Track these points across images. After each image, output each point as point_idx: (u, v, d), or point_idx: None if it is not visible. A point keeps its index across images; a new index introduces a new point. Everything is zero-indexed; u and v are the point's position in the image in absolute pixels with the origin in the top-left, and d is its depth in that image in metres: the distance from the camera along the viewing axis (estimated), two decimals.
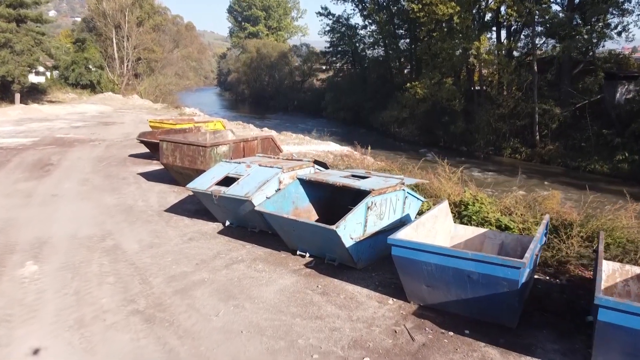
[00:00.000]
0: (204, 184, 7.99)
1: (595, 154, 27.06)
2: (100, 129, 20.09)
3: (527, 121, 30.31)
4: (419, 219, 6.04)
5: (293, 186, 7.30)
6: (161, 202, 9.66)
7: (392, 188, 6.94)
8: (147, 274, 6.31)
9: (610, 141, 26.68)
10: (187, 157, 10.04)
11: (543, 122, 29.65)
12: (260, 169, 8.04)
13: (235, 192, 7.53)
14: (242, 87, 72.04)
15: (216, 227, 8.29)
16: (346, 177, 7.46)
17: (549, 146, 29.52)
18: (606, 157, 26.56)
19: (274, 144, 11.69)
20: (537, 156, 29.55)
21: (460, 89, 33.87)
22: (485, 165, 28.32)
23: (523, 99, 30.44)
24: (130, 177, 11.83)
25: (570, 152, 28.35)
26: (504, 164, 29.22)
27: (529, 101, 30.02)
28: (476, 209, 8.77)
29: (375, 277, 6.43)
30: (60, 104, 30.81)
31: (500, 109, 31.29)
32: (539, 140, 30.02)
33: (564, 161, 28.18)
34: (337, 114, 46.86)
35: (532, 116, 29.77)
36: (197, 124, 15.65)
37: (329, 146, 17.27)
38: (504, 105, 31.40)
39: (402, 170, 11.77)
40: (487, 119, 31.21)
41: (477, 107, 32.76)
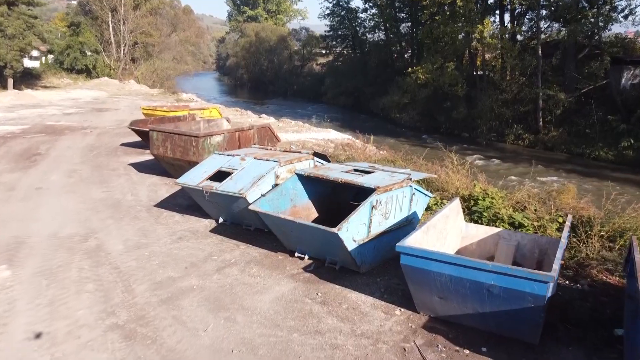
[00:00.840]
0: (194, 178, 7.37)
1: (599, 141, 26.43)
2: (93, 116, 19.39)
3: (530, 107, 29.57)
4: (430, 220, 5.44)
5: (291, 182, 6.69)
6: (151, 196, 9.05)
7: (399, 184, 6.33)
8: (131, 280, 5.73)
9: (615, 127, 26.03)
10: (179, 148, 9.41)
11: (547, 108, 28.94)
12: (256, 163, 7.42)
13: (228, 188, 6.93)
14: (240, 71, 70.96)
15: (209, 224, 7.70)
16: (348, 171, 6.85)
17: (552, 132, 28.87)
18: (611, 143, 25.94)
19: (271, 133, 11.05)
20: (540, 143, 28.90)
21: (463, 74, 33.05)
22: (488, 152, 27.67)
23: (527, 84, 29.66)
24: (121, 168, 11.21)
25: (575, 138, 27.71)
26: (506, 151, 28.59)
27: (532, 86, 29.26)
28: (487, 204, 8.19)
29: (380, 283, 5.86)
30: (55, 90, 30.01)
31: (504, 95, 30.54)
32: (543, 127, 29.34)
33: (567, 148, 27.55)
34: (337, 99, 46.03)
35: (536, 102, 29.04)
36: (192, 111, 14.96)
37: (329, 134, 16.61)
38: (507, 91, 30.64)
39: (406, 160, 11.16)
40: (490, 105, 30.48)
41: (479, 92, 32.01)
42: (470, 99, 32.34)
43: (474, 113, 31.63)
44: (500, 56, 32.29)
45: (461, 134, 32.35)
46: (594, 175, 22.89)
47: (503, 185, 12.14)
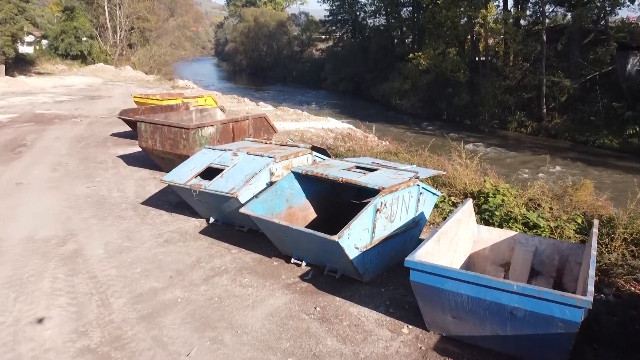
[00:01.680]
0: (182, 176, 6.75)
1: (604, 128, 25.77)
2: (85, 104, 18.68)
3: (534, 94, 28.83)
4: (441, 227, 4.83)
5: (286, 181, 6.07)
6: (139, 192, 8.43)
7: (405, 184, 5.71)
8: (109, 291, 5.13)
9: (620, 115, 25.35)
10: (168, 141, 8.77)
11: (551, 95, 28.20)
12: (249, 158, 6.79)
13: (218, 187, 6.31)
14: (239, 57, 69.84)
15: (199, 224, 7.10)
16: (349, 169, 6.22)
17: (556, 120, 28.20)
18: (616, 131, 25.29)
19: (267, 124, 10.40)
20: (543, 130, 28.24)
21: (465, 60, 32.22)
22: (490, 140, 27.02)
23: (531, 70, 28.88)
24: (109, 160, 10.57)
25: (579, 125, 27.05)
26: (509, 139, 27.94)
27: (536, 73, 28.48)
28: (498, 202, 7.58)
29: (385, 294, 5.28)
30: (49, 76, 29.20)
31: (507, 81, 29.78)
32: (546, 114, 28.65)
33: (571, 135, 26.91)
34: (336, 85, 45.16)
35: (540, 88, 28.30)
36: (186, 99, 14.28)
37: (329, 123, 15.93)
38: (510, 77, 29.88)
39: (410, 152, 10.53)
40: (493, 91, 29.73)
41: (482, 78, 31.23)
42: (473, 85, 31.58)
43: (476, 100, 30.91)
44: (503, 41, 31.45)
45: (463, 121, 31.65)
46: (599, 163, 22.30)
47: (507, 175, 11.54)
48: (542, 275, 5.59)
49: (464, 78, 31.08)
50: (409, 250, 6.43)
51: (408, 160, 9.65)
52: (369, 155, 9.79)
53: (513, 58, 30.90)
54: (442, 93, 32.69)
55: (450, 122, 31.99)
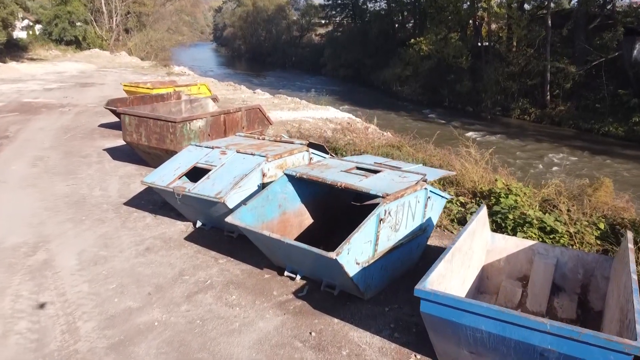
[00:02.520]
0: (164, 176, 6.08)
1: (609, 116, 25.10)
2: (75, 92, 17.91)
3: (537, 80, 28.01)
4: (455, 243, 4.19)
5: (279, 185, 5.40)
6: (122, 191, 7.77)
7: (412, 188, 5.06)
8: (77, 313, 4.51)
9: (626, 102, 24.65)
10: (154, 135, 8.08)
11: (555, 82, 27.41)
12: (239, 158, 6.12)
13: (203, 190, 5.65)
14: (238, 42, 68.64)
15: (184, 228, 6.45)
16: (349, 170, 5.55)
17: (559, 107, 27.47)
18: (621, 119, 24.61)
19: (262, 115, 9.70)
20: (547, 117, 27.54)
21: (467, 45, 31.32)
22: (493, 127, 26.33)
23: (535, 56, 28.04)
24: (94, 154, 9.89)
25: (583, 113, 26.34)
26: (512, 126, 27.24)
27: (540, 59, 27.65)
28: (510, 203, 6.93)
29: (389, 314, 4.66)
30: (41, 62, 28.31)
31: (510, 67, 28.96)
32: (550, 101, 27.89)
33: (575, 123, 26.21)
34: (336, 71, 44.23)
35: (544, 75, 27.50)
36: (179, 88, 13.54)
37: (328, 112, 15.20)
38: (513, 63, 29.06)
39: (413, 146, 9.85)
40: (496, 78, 28.92)
41: (484, 64, 30.37)
42: (475, 71, 30.74)
43: (478, 86, 30.11)
44: (507, 26, 30.55)
45: (465, 108, 30.91)
46: (604, 152, 21.66)
47: (512, 164, 10.87)
48: (565, 292, 4.97)
49: (467, 64, 30.26)
50: (416, 259, 5.84)
51: (412, 155, 8.99)
52: (370, 149, 9.12)
53: (516, 44, 30.03)
54: (443, 79, 31.86)
55: (452, 109, 31.25)
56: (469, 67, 30.50)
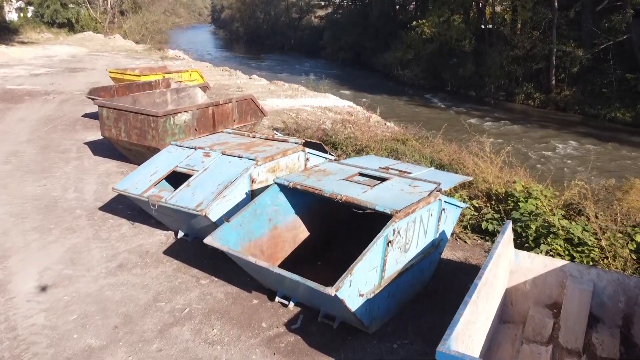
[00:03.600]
0: (139, 183, 5.27)
1: (616, 101, 24.18)
2: (63, 78, 16.95)
3: (543, 64, 26.99)
4: (482, 277, 3.40)
5: (268, 196, 4.60)
6: (99, 193, 6.97)
7: (424, 201, 4.26)
8: (25, 356, 3.75)
9: (634, 87, 23.74)
10: (135, 130, 7.25)
11: (561, 66, 26.42)
12: (224, 160, 5.30)
13: (182, 200, 4.85)
14: (236, 24, 67.00)
15: (164, 239, 5.67)
16: (351, 178, 4.74)
17: (565, 92, 26.50)
18: (629, 104, 23.71)
19: (255, 106, 8.85)
20: (552, 103, 26.60)
21: (470, 28, 30.19)
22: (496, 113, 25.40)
23: (540, 39, 26.96)
24: (74, 148, 9.07)
25: (589, 98, 25.41)
26: (516, 111, 26.33)
27: (546, 42, 26.59)
28: (530, 208, 6.14)
29: (398, 352, 3.91)
30: (32, 46, 27.20)
31: (515, 51, 27.87)
32: (555, 86, 26.92)
33: (581, 108, 25.30)
34: (336, 54, 42.96)
35: (549, 58, 26.47)
36: (169, 74, 12.64)
37: (327, 99, 14.31)
38: (518, 47, 27.96)
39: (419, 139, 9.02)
40: (500, 62, 27.88)
41: (488, 48, 29.30)
42: (478, 55, 29.66)
43: (481, 70, 29.08)
44: (511, 8, 29.39)
45: (468, 93, 29.93)
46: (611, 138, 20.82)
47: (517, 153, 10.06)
48: (604, 324, 4.21)
49: (470, 47, 29.19)
50: (427, 279, 5.06)
51: (418, 151, 8.17)
52: (373, 144, 8.29)
53: (521, 26, 28.92)
54: (446, 63, 30.79)
55: (455, 93, 30.28)
56: (472, 51, 29.44)
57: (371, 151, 8.13)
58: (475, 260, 5.55)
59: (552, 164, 15.63)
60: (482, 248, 5.87)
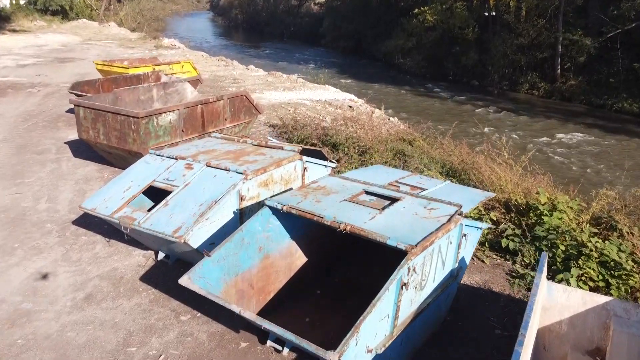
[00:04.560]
0: (110, 201, 4.52)
1: (624, 91, 23.35)
2: (51, 69, 16.09)
3: (548, 53, 26.09)
4: (523, 343, 2.67)
5: (259, 221, 3.86)
6: (75, 203, 6.23)
7: (444, 229, 3.54)
8: None
9: None
10: (114, 132, 6.48)
11: (566, 54, 25.52)
12: (209, 174, 4.55)
13: (157, 224, 4.11)
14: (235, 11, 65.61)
15: (143, 261, 4.95)
16: (356, 197, 4.00)
17: (570, 81, 25.62)
18: (637, 94, 22.88)
19: (249, 103, 8.06)
20: (557, 92, 25.73)
21: (473, 15, 29.21)
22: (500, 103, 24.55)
23: (546, 27, 26.01)
24: (53, 149, 8.31)
25: (595, 88, 24.56)
26: (520, 101, 25.48)
27: (552, 30, 25.65)
28: (556, 223, 5.42)
29: None
30: (23, 34, 26.21)
31: (520, 39, 26.93)
32: (560, 75, 26.04)
33: (587, 98, 24.46)
34: (336, 42, 41.91)
35: (555, 47, 25.56)
36: (159, 66, 11.82)
37: (327, 92, 13.49)
38: (523, 35, 27.01)
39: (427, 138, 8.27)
40: (504, 50, 26.96)
41: (492, 36, 28.35)
42: (482, 43, 28.73)
43: (485, 59, 28.17)
44: None
45: (470, 82, 29.04)
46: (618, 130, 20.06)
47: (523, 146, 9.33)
48: None
49: (473, 35, 28.25)
50: (444, 315, 4.36)
51: (426, 153, 7.41)
52: (377, 145, 7.53)
53: (526, 14, 27.93)
54: (448, 51, 29.85)
55: (457, 82, 29.41)
56: (475, 39, 28.52)
57: (375, 153, 7.38)
58: (496, 285, 4.83)
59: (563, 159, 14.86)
60: (502, 269, 5.16)
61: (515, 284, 4.84)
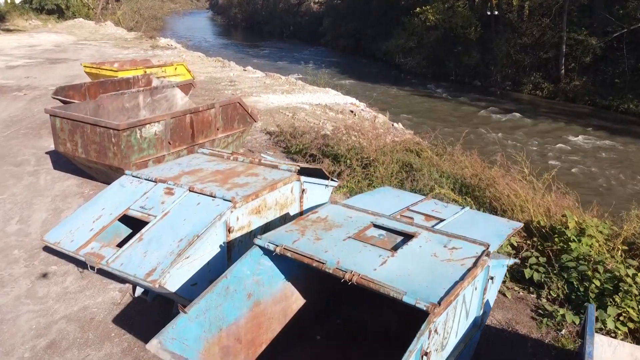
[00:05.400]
0: (76, 233, 3.87)
1: (629, 92, 22.71)
2: (40, 70, 15.41)
3: (552, 53, 25.42)
4: None
5: (248, 264, 3.22)
6: (49, 224, 5.59)
7: (471, 275, 2.90)
8: None
9: None
10: (93, 146, 5.84)
11: (571, 54, 24.86)
12: (192, 201, 3.90)
13: (129, 264, 3.47)
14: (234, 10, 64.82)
15: (119, 297, 4.31)
16: (363, 233, 3.36)
17: (574, 82, 24.96)
18: None
19: (243, 111, 7.41)
20: (561, 93, 25.08)
21: (476, 15, 28.52)
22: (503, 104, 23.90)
23: (550, 26, 25.34)
24: (32, 160, 7.67)
25: (600, 88, 23.91)
26: (523, 102, 24.82)
27: (556, 29, 24.99)
28: (584, 249, 4.78)
29: None
30: (18, 34, 25.50)
31: (523, 39, 26.27)
32: (564, 75, 25.38)
33: (592, 99, 23.82)
34: (336, 41, 41.18)
35: (559, 47, 24.90)
36: (151, 69, 11.16)
37: (327, 95, 12.83)
38: (527, 34, 26.36)
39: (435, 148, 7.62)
40: (507, 50, 26.30)
41: (494, 35, 27.66)
42: (484, 43, 28.05)
43: (487, 59, 27.50)
44: None
45: (472, 82, 28.38)
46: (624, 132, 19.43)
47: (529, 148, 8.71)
48: None
49: (475, 35, 27.58)
50: None
51: (435, 166, 6.76)
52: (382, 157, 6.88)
53: (530, 13, 27.26)
54: (450, 51, 29.17)
55: (459, 82, 28.76)
56: (477, 38, 27.85)
57: (380, 166, 6.74)
58: (521, 325, 4.20)
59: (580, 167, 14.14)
60: (526, 304, 4.52)
61: (543, 323, 4.21)
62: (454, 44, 28.97)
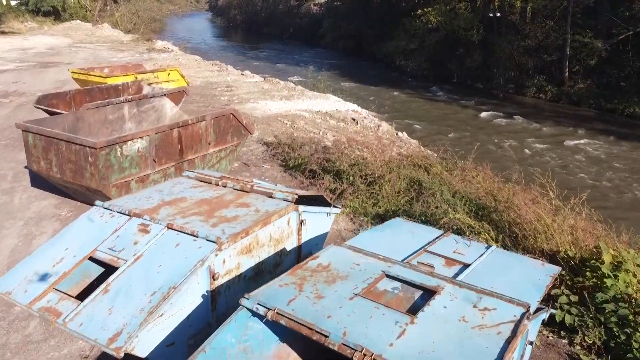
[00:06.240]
0: (31, 281, 3.24)
1: (635, 95, 22.12)
2: (31, 75, 14.78)
3: (556, 55, 24.83)
4: None
5: (231, 330, 2.60)
6: (18, 254, 4.97)
7: (511, 350, 2.27)
8: None
9: None
10: (69, 165, 5.22)
11: (575, 57, 24.27)
12: (169, 241, 3.28)
13: (90, 325, 2.84)
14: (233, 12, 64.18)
15: (87, 349, 3.69)
16: (374, 289, 2.75)
17: (579, 85, 24.37)
18: None
19: (237, 123, 6.78)
20: (565, 96, 24.48)
21: (478, 16, 27.93)
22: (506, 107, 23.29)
23: (554, 28, 24.73)
24: (10, 175, 7.05)
25: (605, 91, 23.33)
26: (526, 105, 24.23)
27: (560, 31, 24.39)
28: (621, 287, 4.16)
29: None
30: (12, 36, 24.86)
31: (526, 41, 25.66)
32: (568, 78, 24.78)
33: (596, 102, 23.22)
34: (336, 43, 40.57)
35: (563, 49, 24.31)
36: (142, 75, 10.53)
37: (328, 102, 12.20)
38: (530, 36, 25.75)
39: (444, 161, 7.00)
40: (510, 52, 25.71)
41: (497, 37, 27.06)
42: (486, 45, 27.46)
43: (490, 61, 26.91)
44: None
45: (475, 85, 27.78)
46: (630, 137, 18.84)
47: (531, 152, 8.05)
48: None
49: (478, 37, 26.98)
50: None
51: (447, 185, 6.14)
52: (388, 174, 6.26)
53: (533, 15, 26.67)
54: (452, 53, 28.59)
55: (461, 85, 28.16)
56: (479, 41, 27.27)
57: (386, 184, 6.12)
58: None
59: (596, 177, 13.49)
60: (557, 352, 3.91)
61: None
62: (456, 46, 28.39)
